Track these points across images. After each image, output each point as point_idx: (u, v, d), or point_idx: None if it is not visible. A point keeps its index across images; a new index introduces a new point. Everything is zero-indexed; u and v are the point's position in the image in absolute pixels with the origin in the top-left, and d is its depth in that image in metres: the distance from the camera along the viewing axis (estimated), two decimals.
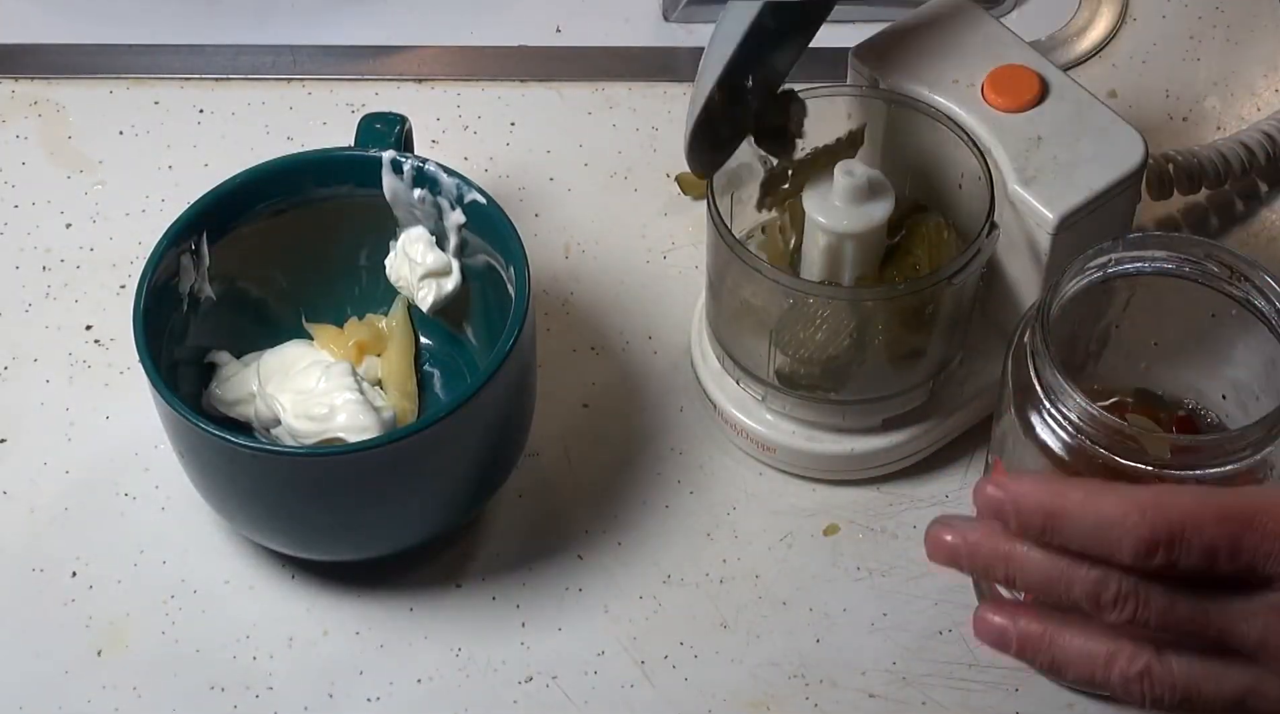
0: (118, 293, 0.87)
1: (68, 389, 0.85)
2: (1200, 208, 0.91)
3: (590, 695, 0.76)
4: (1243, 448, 0.66)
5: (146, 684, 0.76)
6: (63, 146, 0.93)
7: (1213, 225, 0.90)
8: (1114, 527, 0.61)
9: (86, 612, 0.78)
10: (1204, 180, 0.89)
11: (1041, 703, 0.76)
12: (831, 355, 0.78)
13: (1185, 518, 0.61)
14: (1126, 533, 0.61)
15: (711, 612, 0.78)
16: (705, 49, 0.75)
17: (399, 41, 0.97)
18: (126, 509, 0.81)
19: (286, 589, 0.79)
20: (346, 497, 0.74)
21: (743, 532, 0.80)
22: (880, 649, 0.77)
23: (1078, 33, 0.98)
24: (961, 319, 0.79)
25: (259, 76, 0.96)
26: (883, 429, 0.81)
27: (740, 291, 0.78)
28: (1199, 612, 0.62)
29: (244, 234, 0.79)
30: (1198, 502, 0.61)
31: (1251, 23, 0.98)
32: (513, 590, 0.79)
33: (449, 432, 0.73)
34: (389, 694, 0.76)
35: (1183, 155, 0.89)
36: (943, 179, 0.79)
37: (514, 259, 0.76)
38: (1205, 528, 0.61)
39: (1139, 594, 0.62)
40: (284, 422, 0.78)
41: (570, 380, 0.85)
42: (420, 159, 0.79)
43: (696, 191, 0.90)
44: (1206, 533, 0.61)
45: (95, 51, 0.97)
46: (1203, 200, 0.91)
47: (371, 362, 0.82)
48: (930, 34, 0.81)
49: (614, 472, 0.82)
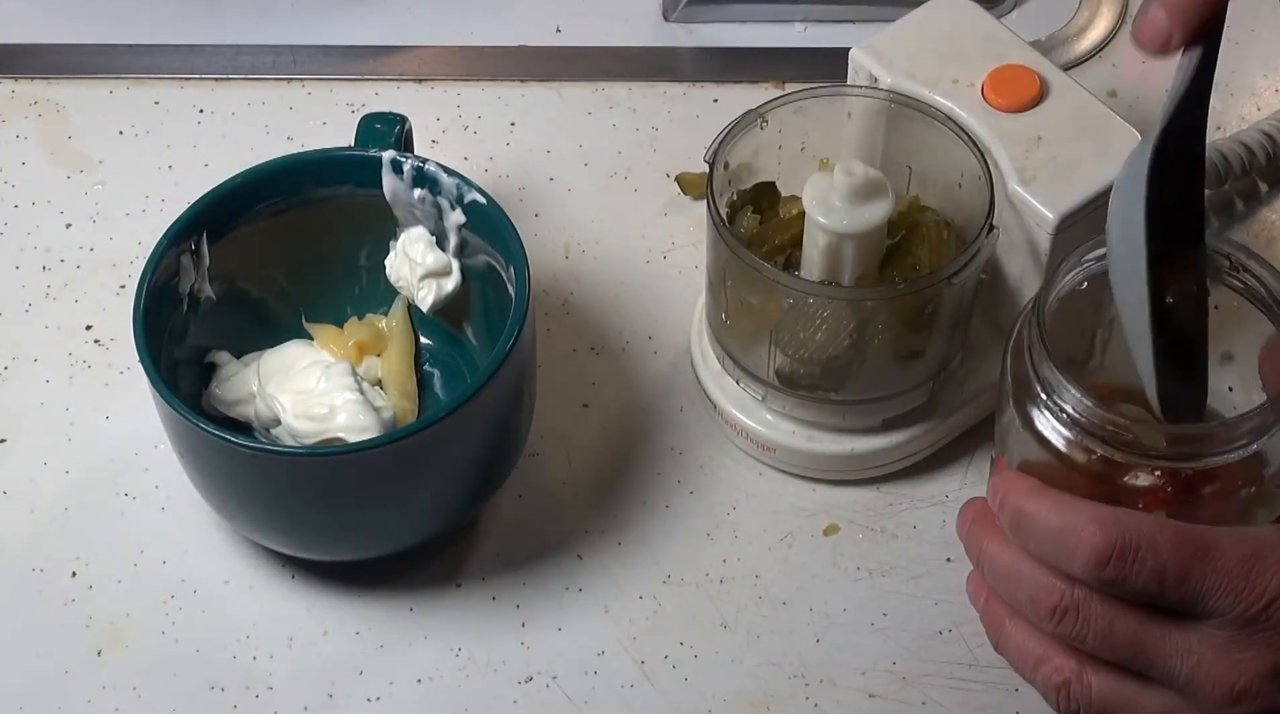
0: (118, 293, 0.87)
1: (68, 389, 0.85)
2: None
3: (590, 695, 0.76)
4: (1238, 437, 0.66)
5: (146, 684, 0.76)
6: (63, 146, 0.93)
7: (1213, 225, 0.90)
8: (1072, 534, 0.64)
9: (86, 612, 0.78)
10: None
11: (1041, 703, 0.75)
12: (831, 355, 0.78)
13: (1142, 537, 0.63)
14: (1082, 542, 0.63)
15: (711, 612, 0.78)
16: (1109, 267, 0.68)
17: (399, 41, 0.97)
18: (126, 509, 0.81)
19: (286, 589, 0.79)
20: (346, 497, 0.74)
21: (743, 532, 0.80)
22: (880, 649, 0.77)
23: (1078, 33, 0.98)
24: (961, 319, 0.79)
25: (259, 76, 0.96)
26: (883, 429, 0.81)
27: (740, 291, 0.78)
28: (1135, 641, 0.64)
29: (244, 234, 0.79)
30: (1157, 525, 0.63)
31: (1251, 23, 0.98)
32: (513, 590, 0.79)
33: (449, 432, 0.73)
34: (389, 694, 0.76)
35: None
36: (943, 179, 0.79)
37: (514, 259, 0.76)
38: (1160, 549, 0.63)
39: (1080, 612, 0.64)
40: (284, 422, 0.78)
41: (570, 380, 0.85)
42: (420, 159, 0.79)
43: (696, 192, 0.90)
44: (1161, 554, 0.63)
45: (95, 51, 0.97)
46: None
47: (371, 361, 0.82)
48: (930, 34, 0.82)
49: (614, 472, 0.82)
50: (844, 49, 0.82)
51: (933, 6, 0.83)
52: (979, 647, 0.77)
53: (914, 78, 0.80)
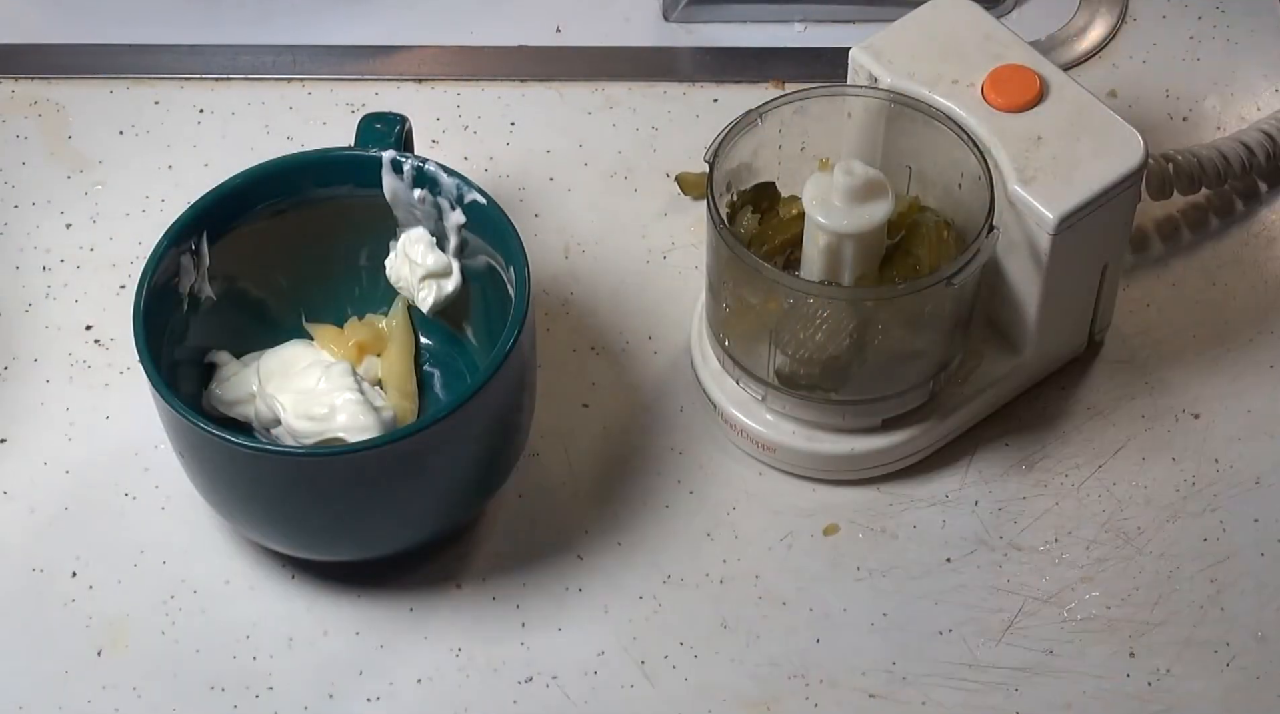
0: (118, 293, 0.87)
1: (68, 389, 0.85)
2: (1200, 208, 0.91)
3: (590, 695, 0.76)
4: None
5: (146, 684, 0.76)
6: (63, 146, 0.93)
7: (1213, 225, 0.90)
8: None
9: (86, 612, 0.78)
10: (1204, 180, 0.89)
11: (1041, 703, 0.76)
12: (831, 355, 0.78)
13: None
14: None
15: (711, 612, 0.78)
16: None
17: (399, 41, 0.97)
18: (126, 509, 0.81)
19: (286, 589, 0.79)
20: (346, 497, 0.74)
21: (743, 532, 0.80)
22: (880, 649, 0.77)
23: (1078, 33, 0.98)
24: (961, 319, 0.79)
25: (259, 76, 0.96)
26: (883, 429, 0.81)
27: (740, 291, 0.78)
28: None
29: (244, 234, 0.79)
30: None
31: (1251, 23, 0.98)
32: (513, 590, 0.79)
33: (449, 432, 0.73)
34: (389, 694, 0.76)
35: (1183, 155, 0.89)
36: (943, 179, 0.79)
37: (514, 259, 0.76)
38: None
39: None
40: (284, 422, 0.78)
41: (570, 380, 0.85)
42: (420, 159, 0.79)
43: (696, 191, 0.90)
44: None
45: (95, 51, 0.97)
46: (1202, 200, 0.91)
47: (371, 361, 0.82)
48: (930, 34, 0.82)
49: (614, 472, 0.82)
50: (844, 49, 0.82)
51: (933, 6, 0.83)
52: (979, 647, 0.77)
53: (914, 78, 0.80)
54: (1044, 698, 0.76)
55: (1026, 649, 0.77)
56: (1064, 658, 0.77)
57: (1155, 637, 0.77)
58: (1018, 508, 0.81)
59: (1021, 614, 0.78)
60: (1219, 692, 0.76)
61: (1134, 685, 0.76)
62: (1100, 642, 0.77)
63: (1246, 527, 0.80)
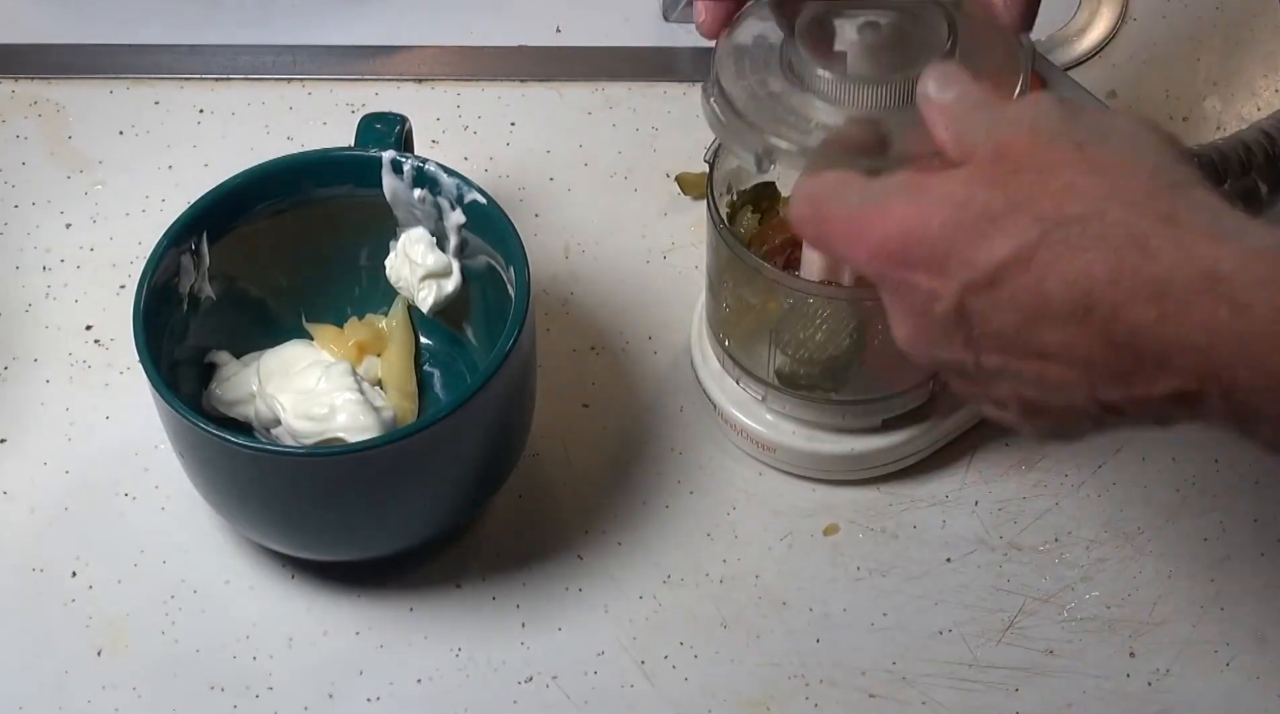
0: (118, 293, 0.87)
1: (68, 389, 0.85)
2: None
3: (590, 695, 0.76)
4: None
5: (146, 684, 0.76)
6: (63, 146, 0.93)
7: None
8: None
9: (86, 612, 0.78)
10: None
11: (1041, 703, 0.76)
12: (831, 355, 0.78)
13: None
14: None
15: (711, 612, 0.78)
16: None
17: (399, 41, 0.97)
18: (126, 509, 0.81)
19: (286, 589, 0.79)
20: (346, 497, 0.74)
21: (743, 532, 0.80)
22: (880, 649, 0.77)
23: (1078, 33, 0.98)
24: None
25: (259, 76, 0.96)
26: (883, 429, 0.81)
27: (740, 291, 0.78)
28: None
29: (244, 234, 0.79)
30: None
31: (1251, 23, 0.98)
32: (513, 590, 0.79)
33: (449, 431, 0.73)
34: (389, 694, 0.76)
35: None
36: None
37: (514, 259, 0.76)
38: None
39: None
40: (284, 422, 0.78)
41: (570, 380, 0.85)
42: (420, 159, 0.79)
43: (696, 191, 0.90)
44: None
45: (95, 51, 0.97)
46: None
47: (371, 361, 0.82)
48: None
49: (614, 472, 0.82)
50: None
51: None
52: (979, 647, 0.77)
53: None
54: (1044, 698, 0.76)
55: (1026, 649, 0.77)
56: (1064, 658, 0.77)
57: (1155, 637, 0.77)
58: (1018, 508, 0.81)
59: (1021, 614, 0.78)
60: (1219, 692, 0.76)
61: (1134, 685, 0.76)
62: (1100, 642, 0.77)
63: (1246, 527, 0.80)
